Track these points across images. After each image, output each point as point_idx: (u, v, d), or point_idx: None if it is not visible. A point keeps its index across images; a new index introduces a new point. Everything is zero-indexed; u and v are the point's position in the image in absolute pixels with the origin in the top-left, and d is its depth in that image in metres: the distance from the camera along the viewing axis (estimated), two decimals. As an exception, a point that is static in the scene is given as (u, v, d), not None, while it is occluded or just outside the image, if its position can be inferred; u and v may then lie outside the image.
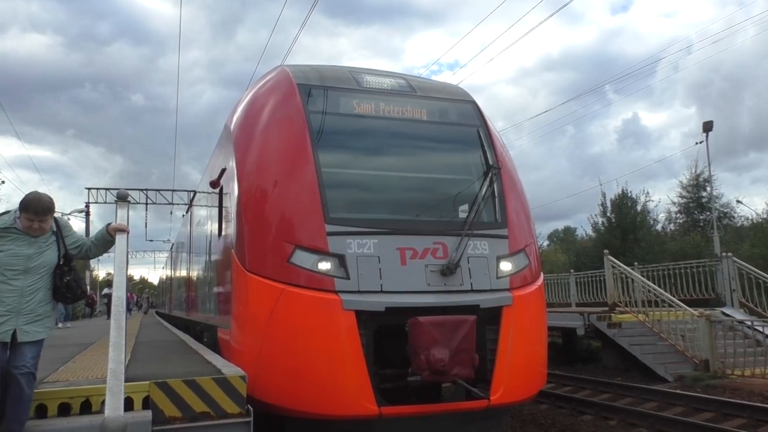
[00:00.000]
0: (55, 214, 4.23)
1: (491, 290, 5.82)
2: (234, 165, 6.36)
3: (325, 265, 5.41)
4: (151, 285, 71.49)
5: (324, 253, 5.44)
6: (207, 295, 8.71)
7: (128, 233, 4.52)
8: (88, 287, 34.81)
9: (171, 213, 36.94)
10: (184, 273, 14.48)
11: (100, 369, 5.42)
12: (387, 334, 5.51)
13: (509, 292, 5.87)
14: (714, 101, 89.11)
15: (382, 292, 5.45)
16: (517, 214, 6.45)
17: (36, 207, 3.99)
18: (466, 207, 6.34)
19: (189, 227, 13.60)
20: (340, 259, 5.44)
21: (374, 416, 5.14)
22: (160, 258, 50.15)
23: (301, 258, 5.41)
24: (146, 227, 37.06)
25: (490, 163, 6.50)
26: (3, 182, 40.35)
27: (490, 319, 5.72)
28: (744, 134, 76.10)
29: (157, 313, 31.22)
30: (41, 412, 4.11)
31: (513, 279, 6.00)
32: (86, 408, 4.23)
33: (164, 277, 28.38)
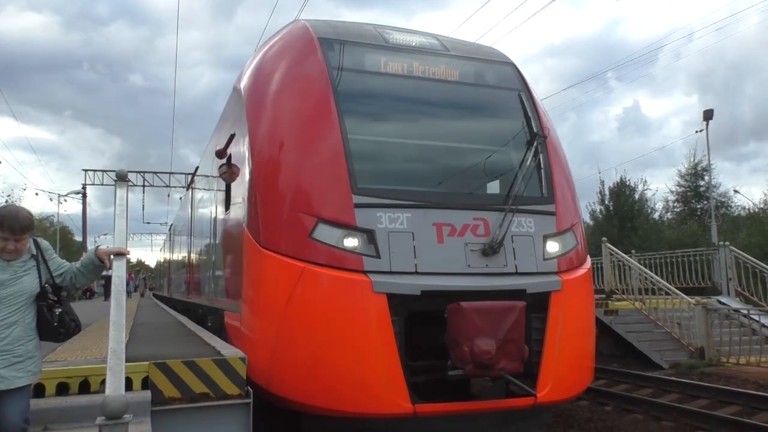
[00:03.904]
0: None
1: (538, 273, 5.25)
2: (246, 130, 5.72)
3: (351, 242, 4.83)
4: (147, 267, 71.51)
5: (351, 228, 4.86)
6: (212, 276, 8.09)
7: (127, 256, 3.86)
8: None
9: (168, 196, 36.89)
10: (184, 253, 13.81)
11: (99, 349, 5.42)
12: (419, 321, 4.95)
13: (557, 275, 5.30)
14: (716, 90, 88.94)
15: (416, 273, 4.87)
16: (563, 188, 5.84)
17: (12, 223, 3.28)
18: (508, 179, 5.73)
19: (190, 204, 12.83)
20: (369, 235, 4.87)
21: (408, 415, 4.60)
22: (157, 240, 50.17)
23: (325, 233, 4.84)
24: (143, 210, 37.17)
25: (535, 130, 5.90)
26: (0, 162, 40.40)
27: (535, 305, 5.10)
28: (745, 123, 75.96)
29: (154, 295, 31.24)
30: (39, 391, 4.09)
31: (560, 261, 5.41)
32: (85, 388, 4.23)
33: (162, 258, 28.17)
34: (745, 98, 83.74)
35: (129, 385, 4.23)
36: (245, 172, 5.72)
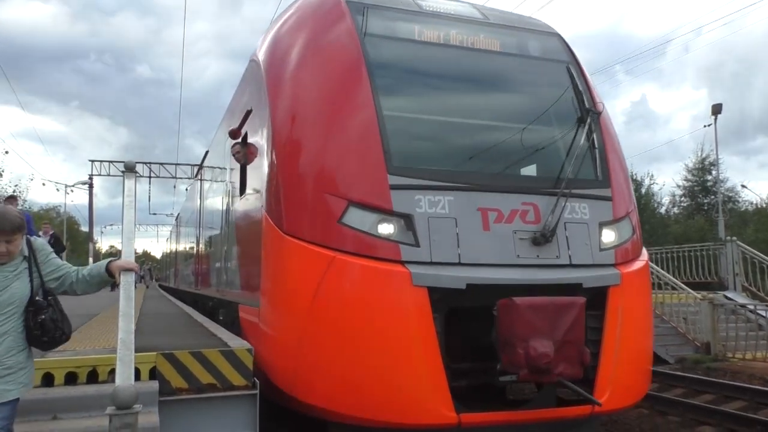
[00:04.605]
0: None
1: (594, 265, 4.73)
2: (266, 105, 5.20)
3: (387, 228, 4.33)
4: (153, 258, 71.87)
5: (386, 212, 4.35)
6: (224, 266, 7.53)
7: (136, 272, 3.66)
8: (91, 260, 34.93)
9: (174, 187, 37.07)
10: (192, 242, 13.27)
11: (106, 339, 5.45)
12: (460, 318, 4.49)
13: (615, 268, 4.79)
14: (725, 84, 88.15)
15: (460, 264, 4.37)
16: (617, 171, 5.33)
17: (2, 223, 3.03)
18: (559, 160, 5.20)
19: (199, 191, 12.18)
20: (407, 221, 4.35)
21: (452, 425, 4.12)
22: (163, 232, 50.43)
23: (356, 217, 4.33)
24: (149, 200, 37.34)
25: (587, 107, 5.41)
26: (7, 152, 40.63)
27: (590, 302, 4.49)
28: (754, 118, 75.40)
29: (160, 286, 31.39)
30: (48, 380, 4.13)
31: (618, 252, 4.91)
32: (93, 377, 4.26)
33: (168, 249, 28.03)
34: (754, 93, 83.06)
35: (137, 375, 4.24)
36: (264, 152, 5.22)
